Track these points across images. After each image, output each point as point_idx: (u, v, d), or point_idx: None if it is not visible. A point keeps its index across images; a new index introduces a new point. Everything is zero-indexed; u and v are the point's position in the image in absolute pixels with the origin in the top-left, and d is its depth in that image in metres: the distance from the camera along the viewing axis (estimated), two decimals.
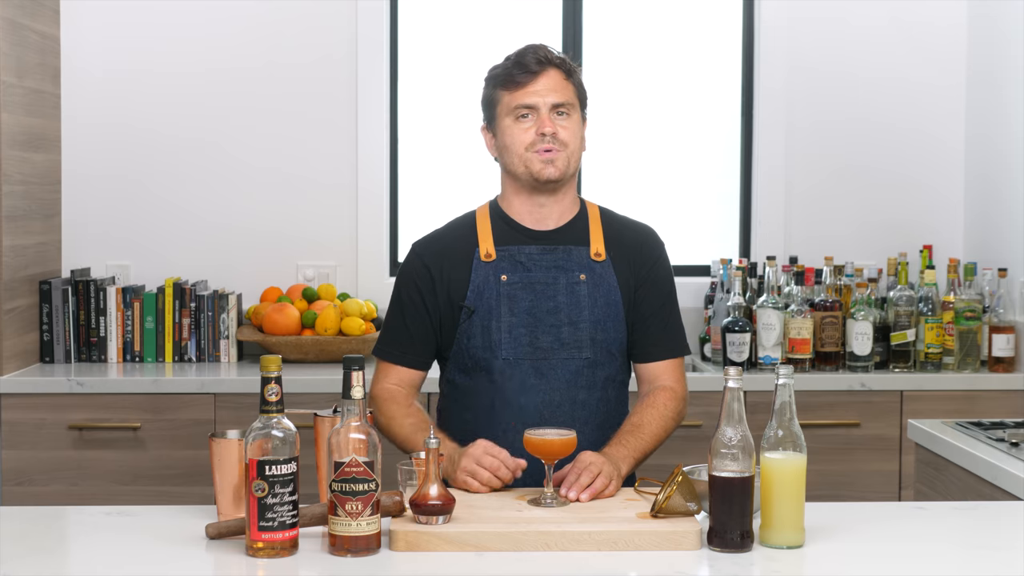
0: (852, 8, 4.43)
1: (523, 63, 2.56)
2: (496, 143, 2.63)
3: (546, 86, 2.56)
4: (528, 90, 2.55)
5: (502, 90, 2.59)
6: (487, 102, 2.63)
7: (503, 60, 2.62)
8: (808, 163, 4.46)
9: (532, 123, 2.56)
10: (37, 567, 2.01)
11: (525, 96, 2.56)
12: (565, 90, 2.58)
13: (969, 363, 4.01)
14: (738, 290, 4.02)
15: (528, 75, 2.55)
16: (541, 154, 2.55)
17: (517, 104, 2.56)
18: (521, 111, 2.56)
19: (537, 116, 2.55)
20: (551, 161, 2.55)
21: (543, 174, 2.56)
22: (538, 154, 2.55)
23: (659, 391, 2.62)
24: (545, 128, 2.54)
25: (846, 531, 2.18)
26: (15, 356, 3.89)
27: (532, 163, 2.56)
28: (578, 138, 2.59)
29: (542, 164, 2.56)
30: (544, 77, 2.56)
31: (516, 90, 2.56)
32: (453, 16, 4.53)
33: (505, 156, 2.61)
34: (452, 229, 2.69)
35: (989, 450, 2.82)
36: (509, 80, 2.57)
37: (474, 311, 2.57)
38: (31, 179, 4.02)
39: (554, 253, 2.61)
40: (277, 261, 4.37)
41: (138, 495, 3.76)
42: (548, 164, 2.55)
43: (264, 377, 2.03)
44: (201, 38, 4.34)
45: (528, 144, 2.56)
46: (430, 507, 2.09)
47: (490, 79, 2.63)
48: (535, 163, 2.56)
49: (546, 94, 2.55)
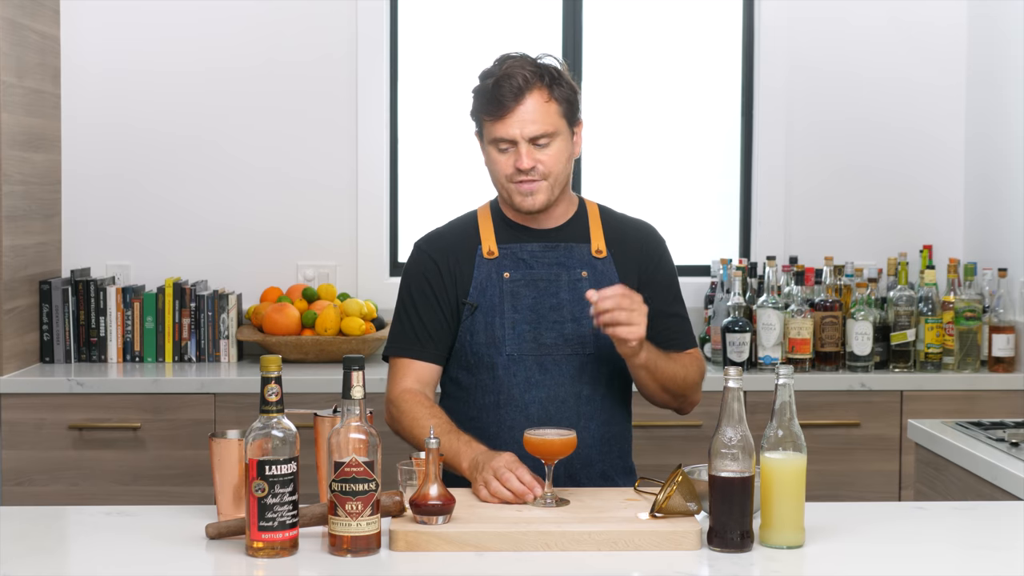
0: (852, 8, 4.43)
1: (499, 95, 2.50)
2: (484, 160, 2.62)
3: (524, 117, 2.50)
4: (506, 122, 2.51)
5: (483, 115, 2.56)
6: (474, 116, 2.61)
7: (486, 71, 2.57)
8: (808, 163, 4.46)
9: (512, 155, 2.53)
10: (37, 567, 2.01)
11: (503, 129, 2.52)
12: (546, 116, 2.51)
13: (969, 363, 4.01)
14: (738, 290, 4.02)
15: (504, 108, 2.50)
16: (520, 186, 2.54)
17: (495, 137, 2.53)
18: (500, 144, 2.54)
19: (516, 149, 2.53)
20: (531, 194, 2.54)
21: (523, 205, 2.56)
22: (517, 186, 2.54)
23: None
24: (522, 164, 2.51)
25: (846, 531, 2.17)
26: (15, 356, 3.89)
27: (513, 195, 2.56)
28: (562, 161, 2.55)
29: (522, 196, 2.55)
30: (522, 107, 2.50)
31: (495, 122, 2.52)
32: (453, 16, 4.53)
33: (490, 176, 2.61)
34: (454, 227, 2.70)
35: (989, 450, 2.82)
36: (487, 110, 2.53)
37: (477, 307, 2.58)
38: (31, 179, 4.02)
39: (555, 250, 2.62)
40: (277, 261, 4.37)
41: (138, 495, 3.76)
42: (528, 196, 2.55)
43: (264, 377, 2.03)
44: (201, 38, 4.34)
45: (508, 175, 2.54)
46: (430, 507, 2.09)
47: (475, 94, 2.58)
48: (515, 195, 2.56)
49: (524, 126, 2.50)
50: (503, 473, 2.27)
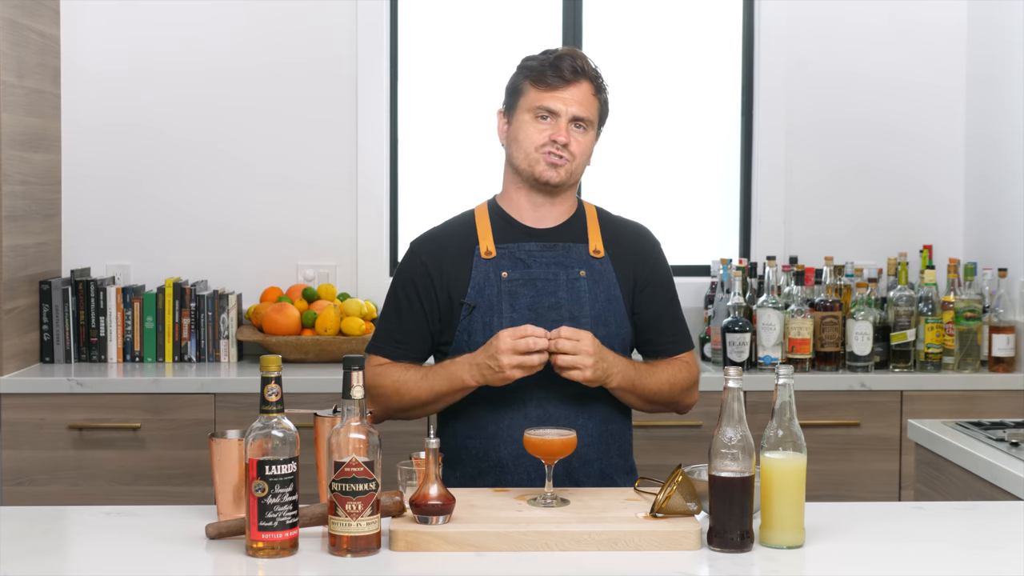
0: (852, 8, 4.43)
1: (559, 67, 2.57)
2: (508, 133, 2.64)
3: (574, 96, 2.58)
4: (556, 95, 2.57)
5: (530, 84, 2.60)
6: (512, 90, 2.64)
7: (540, 53, 2.64)
8: (808, 163, 4.46)
9: (549, 127, 2.58)
10: (37, 567, 2.01)
11: (551, 100, 2.57)
12: (590, 105, 2.60)
13: (969, 363, 4.01)
14: (738, 290, 4.02)
15: (561, 81, 2.57)
16: (548, 157, 2.57)
17: (541, 105, 2.58)
18: (542, 112, 2.58)
19: (556, 122, 2.57)
20: (555, 166, 2.58)
21: (544, 175, 2.58)
22: (545, 156, 2.57)
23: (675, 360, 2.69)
24: (559, 137, 2.57)
25: (846, 531, 2.18)
26: (15, 356, 3.89)
27: (537, 163, 2.58)
28: (587, 153, 2.63)
29: (546, 167, 2.58)
30: (575, 87, 2.58)
31: (544, 91, 2.58)
32: (453, 16, 4.53)
33: (513, 148, 2.62)
34: (451, 227, 2.71)
35: (989, 450, 2.82)
36: (540, 79, 2.58)
37: (475, 307, 2.58)
38: (31, 179, 4.02)
39: (553, 250, 2.63)
40: (277, 261, 4.37)
41: (138, 495, 3.76)
42: (551, 168, 2.58)
43: (264, 377, 2.03)
44: (201, 38, 4.34)
45: (539, 145, 2.58)
46: (430, 507, 2.09)
47: (522, 68, 2.63)
48: (540, 164, 2.58)
49: (571, 104, 2.57)
50: (520, 344, 2.41)
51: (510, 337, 2.42)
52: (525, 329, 2.43)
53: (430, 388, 2.55)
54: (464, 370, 2.50)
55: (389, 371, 2.61)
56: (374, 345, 2.68)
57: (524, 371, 2.44)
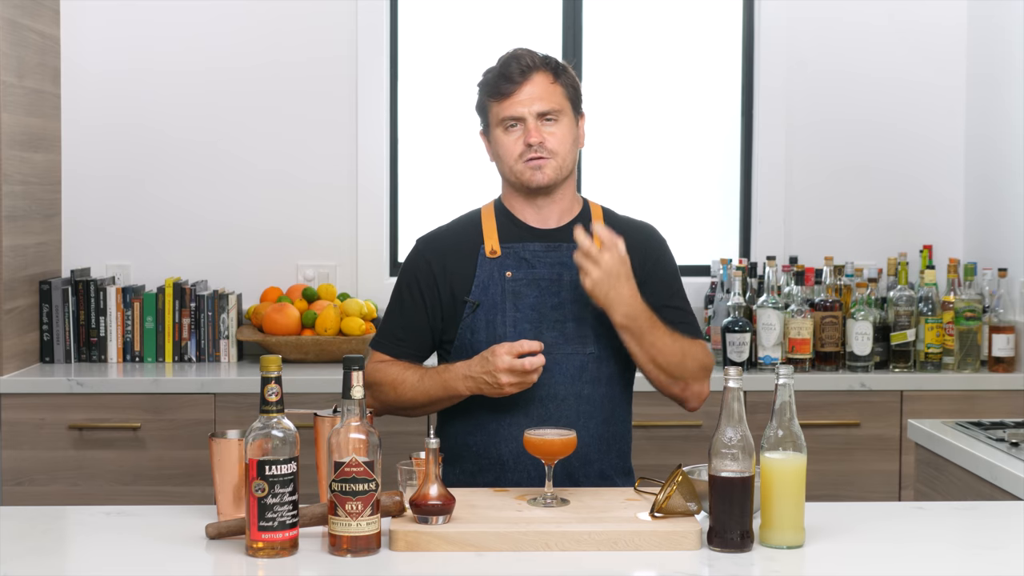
0: (852, 8, 4.43)
1: (507, 73, 2.57)
2: (491, 151, 2.67)
3: (531, 95, 2.57)
4: (513, 100, 2.57)
5: (490, 99, 2.62)
6: (480, 110, 2.67)
7: (492, 66, 2.64)
8: (808, 163, 4.46)
9: (520, 133, 2.58)
10: (37, 567, 2.01)
11: (510, 107, 2.57)
12: (551, 96, 2.58)
13: (969, 363, 4.01)
14: (738, 290, 4.02)
15: (511, 85, 2.57)
16: (530, 163, 2.58)
17: (504, 116, 2.59)
18: (509, 122, 2.59)
19: (524, 126, 2.57)
20: (539, 168, 2.58)
21: (532, 180, 2.59)
22: (527, 164, 2.58)
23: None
24: (531, 139, 2.56)
25: (846, 531, 2.18)
26: (15, 356, 3.89)
27: (523, 173, 2.59)
28: (568, 141, 2.61)
29: (531, 172, 2.58)
30: (528, 85, 2.57)
31: (502, 101, 2.58)
32: (453, 16, 4.53)
33: (499, 164, 2.65)
34: (457, 225, 2.72)
35: (989, 450, 2.82)
36: (495, 91, 2.59)
37: (479, 306, 2.59)
38: (31, 179, 4.02)
39: (558, 250, 2.63)
40: (277, 261, 4.37)
41: (138, 495, 3.76)
42: (537, 171, 2.58)
43: (264, 377, 2.03)
44: (201, 38, 4.34)
45: (517, 155, 2.59)
46: (430, 507, 2.09)
47: (481, 87, 2.65)
48: (525, 172, 2.59)
49: (530, 102, 2.57)
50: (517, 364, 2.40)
51: (508, 355, 2.42)
52: (522, 346, 2.43)
53: (425, 392, 2.56)
54: (459, 381, 2.50)
55: (389, 369, 2.62)
56: (377, 341, 2.70)
57: (522, 387, 2.45)
